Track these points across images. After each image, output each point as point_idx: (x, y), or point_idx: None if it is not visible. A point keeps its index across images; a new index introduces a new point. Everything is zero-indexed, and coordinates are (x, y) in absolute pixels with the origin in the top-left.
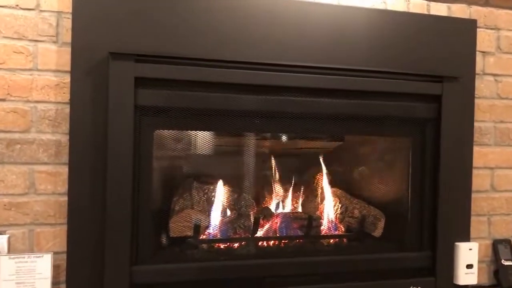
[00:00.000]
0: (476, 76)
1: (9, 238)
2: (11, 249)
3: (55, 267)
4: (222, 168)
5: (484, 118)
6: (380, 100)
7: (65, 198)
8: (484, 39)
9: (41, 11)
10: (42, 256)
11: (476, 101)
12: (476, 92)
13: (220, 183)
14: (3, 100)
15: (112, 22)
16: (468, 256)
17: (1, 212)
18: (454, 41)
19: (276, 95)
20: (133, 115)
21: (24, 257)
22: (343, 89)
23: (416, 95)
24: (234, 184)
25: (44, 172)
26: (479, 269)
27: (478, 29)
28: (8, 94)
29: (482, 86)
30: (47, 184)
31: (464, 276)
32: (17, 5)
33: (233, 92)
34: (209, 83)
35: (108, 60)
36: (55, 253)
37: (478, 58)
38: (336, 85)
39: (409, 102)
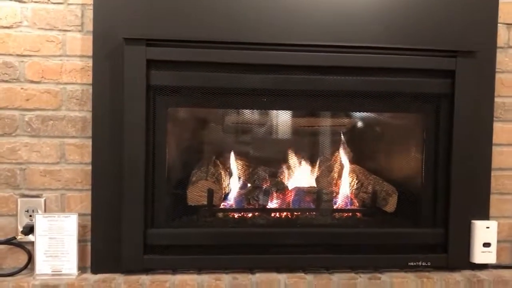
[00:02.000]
0: (500, 49)
1: (45, 200)
2: (47, 210)
3: (82, 227)
4: (239, 144)
5: (509, 93)
6: (392, 77)
7: (90, 167)
8: (509, 10)
9: (69, 4)
10: (69, 216)
11: (500, 75)
12: (499, 67)
13: (235, 157)
14: (39, 82)
15: (126, 10)
16: (486, 235)
17: (38, 178)
18: (472, 13)
19: (286, 74)
20: (145, 94)
21: (54, 216)
22: (354, 67)
23: (429, 70)
24: (250, 159)
25: (73, 145)
26: (503, 249)
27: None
28: (43, 77)
29: (507, 60)
30: (75, 155)
31: (481, 254)
32: (49, 0)
33: (242, 71)
34: (217, 63)
35: (123, 45)
36: (82, 215)
37: (502, 30)
38: (346, 63)
39: (421, 78)
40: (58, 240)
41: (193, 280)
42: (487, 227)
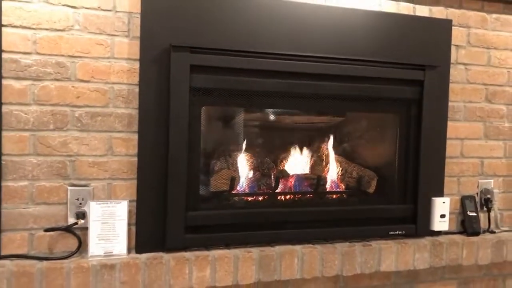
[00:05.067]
0: (451, 65)
1: (93, 189)
2: (94, 198)
3: (128, 212)
4: (251, 138)
5: (456, 99)
6: (375, 84)
7: (135, 159)
8: (457, 35)
9: (117, 11)
10: (121, 202)
11: (451, 85)
12: (450, 78)
13: (248, 149)
14: (89, 81)
15: (172, 20)
16: (442, 208)
17: (87, 169)
18: (434, 37)
19: (294, 80)
20: (188, 94)
21: (107, 203)
22: (346, 75)
23: (403, 80)
24: (259, 150)
25: (119, 138)
26: (450, 219)
27: (453, 27)
28: (92, 77)
29: (456, 73)
30: (121, 148)
31: (438, 223)
32: (99, 7)
33: (263, 77)
34: (246, 69)
35: (170, 51)
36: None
37: (453, 50)
38: (340, 72)
39: (398, 86)
40: (110, 225)
41: (229, 254)
42: (443, 202)
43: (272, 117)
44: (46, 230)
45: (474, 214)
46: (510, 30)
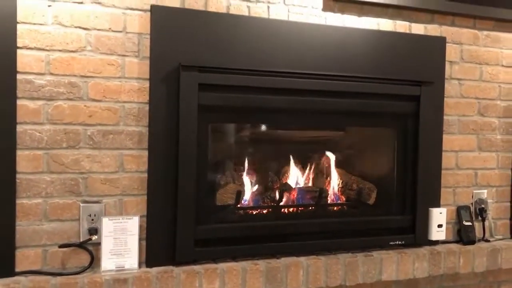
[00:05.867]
0: (445, 80)
1: (104, 205)
2: (106, 214)
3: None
4: (256, 153)
5: (451, 113)
6: (374, 100)
7: (145, 175)
8: (451, 51)
9: (127, 32)
10: (132, 218)
11: (445, 100)
12: (445, 93)
13: (252, 164)
14: (100, 100)
15: (181, 40)
16: (439, 218)
17: (99, 185)
18: (429, 54)
19: (297, 96)
20: (197, 112)
21: (119, 219)
22: (347, 91)
23: (400, 95)
24: (263, 165)
25: (130, 156)
26: (447, 229)
27: (447, 44)
28: (104, 96)
29: (450, 88)
30: (132, 164)
31: (436, 233)
32: (110, 28)
33: (267, 94)
34: (251, 87)
35: (179, 70)
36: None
37: (447, 66)
38: (341, 88)
39: (395, 101)
40: (122, 240)
41: (237, 266)
42: (440, 213)
43: (275, 132)
44: (61, 246)
45: (469, 223)
46: (501, 46)
